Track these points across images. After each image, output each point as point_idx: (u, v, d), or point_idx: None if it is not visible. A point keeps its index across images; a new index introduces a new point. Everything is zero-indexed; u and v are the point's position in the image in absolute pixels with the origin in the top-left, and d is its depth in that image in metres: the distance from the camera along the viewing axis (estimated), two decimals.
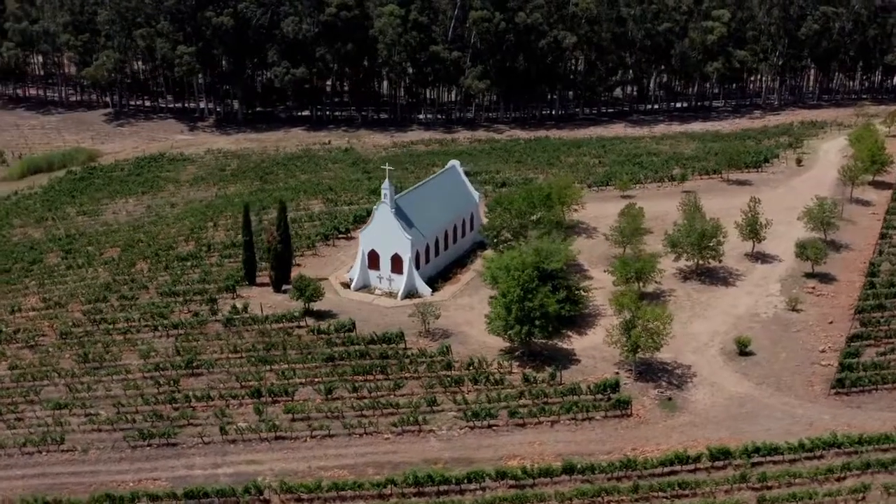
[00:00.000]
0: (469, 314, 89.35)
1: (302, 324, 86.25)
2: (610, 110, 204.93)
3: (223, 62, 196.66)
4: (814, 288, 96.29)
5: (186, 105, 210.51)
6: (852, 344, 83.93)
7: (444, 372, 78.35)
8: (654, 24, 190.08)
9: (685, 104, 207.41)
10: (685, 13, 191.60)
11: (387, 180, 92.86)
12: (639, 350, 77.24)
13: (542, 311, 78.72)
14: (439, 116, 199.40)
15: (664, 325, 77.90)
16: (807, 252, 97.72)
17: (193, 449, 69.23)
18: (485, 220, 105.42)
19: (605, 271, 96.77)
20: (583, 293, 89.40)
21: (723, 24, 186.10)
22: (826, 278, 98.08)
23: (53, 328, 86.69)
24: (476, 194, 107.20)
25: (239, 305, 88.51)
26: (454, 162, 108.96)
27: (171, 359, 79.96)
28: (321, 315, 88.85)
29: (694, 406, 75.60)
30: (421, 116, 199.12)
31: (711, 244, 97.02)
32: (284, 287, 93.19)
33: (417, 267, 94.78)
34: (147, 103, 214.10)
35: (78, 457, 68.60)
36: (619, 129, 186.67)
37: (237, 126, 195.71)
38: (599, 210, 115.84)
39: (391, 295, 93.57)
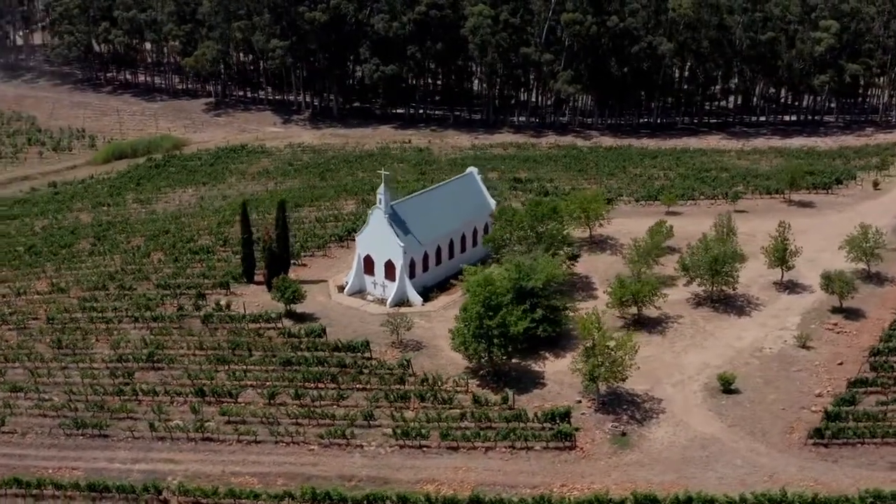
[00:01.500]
0: (449, 327, 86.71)
1: (279, 325, 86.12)
2: (713, 121, 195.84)
3: (319, 57, 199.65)
4: (836, 324, 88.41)
5: (286, 98, 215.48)
6: (852, 389, 76.51)
7: (397, 386, 76.35)
8: (758, 33, 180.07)
9: (794, 117, 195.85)
10: (792, 22, 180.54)
11: (382, 185, 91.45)
12: (598, 380, 72.90)
13: (502, 331, 75.49)
14: (533, 119, 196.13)
15: (627, 355, 73.18)
16: (832, 285, 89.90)
17: (122, 443, 70.26)
18: None
19: (605, 292, 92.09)
20: (569, 313, 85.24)
21: (832, 35, 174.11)
22: (854, 314, 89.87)
23: (46, 312, 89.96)
24: (493, 203, 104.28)
25: (223, 303, 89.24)
26: (472, 169, 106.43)
27: (138, 351, 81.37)
28: (302, 318, 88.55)
29: (649, 444, 70.57)
30: (514, 119, 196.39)
31: (725, 270, 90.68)
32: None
33: (413, 275, 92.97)
34: (249, 94, 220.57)
35: (15, 440, 70.86)
36: (713, 141, 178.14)
37: (331, 121, 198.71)
38: (634, 226, 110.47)
39: (382, 301, 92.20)
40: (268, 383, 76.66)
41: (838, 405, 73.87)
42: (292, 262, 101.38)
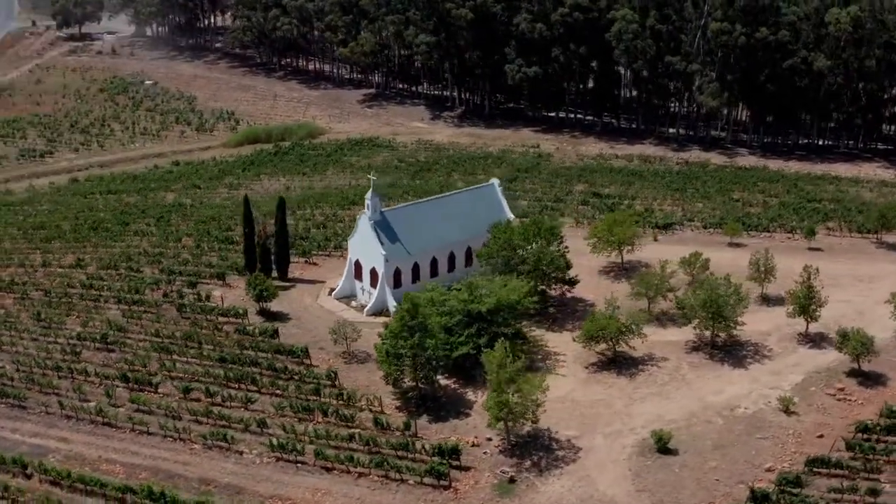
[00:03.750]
0: None
1: (244, 321, 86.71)
2: (881, 146, 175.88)
3: (471, 55, 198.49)
4: (842, 389, 76.77)
5: (443, 94, 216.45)
6: (808, 468, 66.17)
7: (313, 397, 74.61)
8: None
9: None
10: None
11: (370, 190, 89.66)
12: (502, 420, 67.58)
13: (413, 353, 71.81)
14: (683, 132, 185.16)
15: (529, 396, 67.27)
16: (846, 344, 78.26)
17: (33, 416, 73.37)
18: None
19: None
20: (526, 342, 79.70)
21: None
22: (874, 380, 77.66)
23: (52, 286, 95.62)
24: (511, 218, 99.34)
25: (205, 294, 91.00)
26: (494, 180, 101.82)
27: (100, 332, 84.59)
28: (276, 316, 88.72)
29: (534, 497, 64.25)
30: (664, 130, 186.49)
31: (726, 314, 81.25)
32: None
33: (399, 284, 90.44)
34: (410, 88, 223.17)
35: None
36: (868, 169, 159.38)
37: (478, 120, 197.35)
38: (677, 253, 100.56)
39: (363, 308, 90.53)
40: (194, 378, 77.22)
41: (780, 484, 64.17)
42: (304, 260, 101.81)
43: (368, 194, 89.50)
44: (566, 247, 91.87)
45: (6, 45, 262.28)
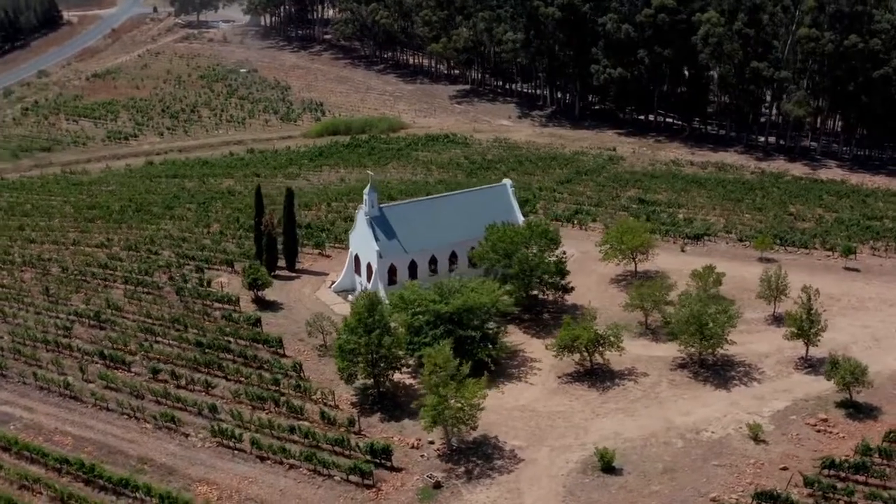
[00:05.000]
0: None
1: (236, 308, 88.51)
2: None
3: (562, 54, 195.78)
4: (825, 420, 71.73)
5: (535, 92, 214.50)
6: (757, 501, 62.47)
7: (273, 387, 75.49)
8: None
9: None
10: None
11: (368, 185, 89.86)
12: (438, 424, 66.59)
13: (367, 350, 71.57)
14: (770, 140, 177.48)
15: (469, 402, 66.01)
16: (835, 373, 73.29)
17: (9, 385, 76.96)
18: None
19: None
20: (496, 347, 78.12)
21: None
22: (865, 412, 72.02)
23: (72, 263, 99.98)
24: (521, 220, 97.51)
25: (206, 279, 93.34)
26: (507, 181, 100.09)
27: (97, 309, 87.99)
28: (269, 305, 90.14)
29: (455, 502, 62.98)
30: (754, 137, 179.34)
31: (711, 331, 77.46)
32: (273, 273, 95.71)
33: (394, 282, 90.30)
34: (505, 86, 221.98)
35: None
36: None
37: (566, 120, 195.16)
38: (697, 265, 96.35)
39: None
40: (167, 360, 79.34)
41: None
42: (318, 251, 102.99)
43: (366, 189, 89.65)
44: (564, 252, 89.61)
45: (126, 29, 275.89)
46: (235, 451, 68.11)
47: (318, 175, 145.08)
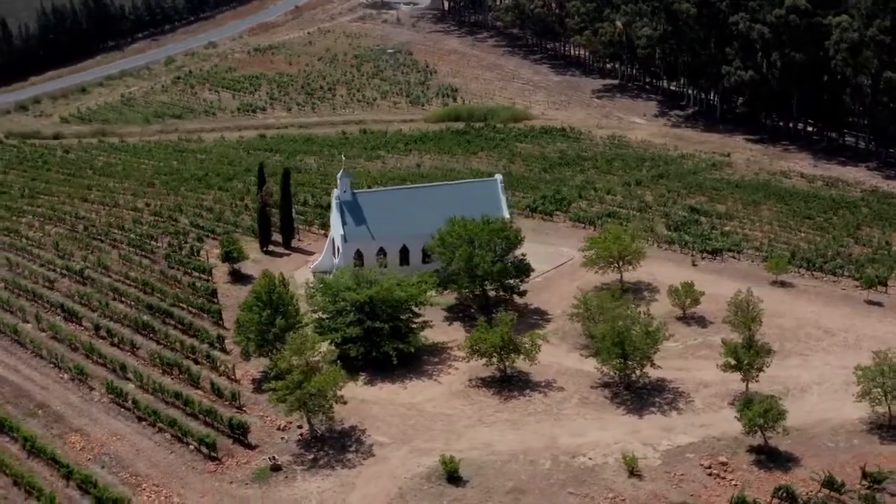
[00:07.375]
0: None
1: (208, 279, 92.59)
2: None
3: (703, 53, 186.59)
4: (724, 464, 65.22)
5: (680, 91, 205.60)
6: None
7: (192, 355, 78.67)
8: None
9: None
10: None
11: (342, 170, 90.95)
12: (296, 409, 67.18)
13: (260, 328, 73.23)
14: None
15: (326, 390, 66.16)
16: (748, 420, 66.35)
17: None
18: None
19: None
20: (406, 342, 77.11)
21: None
22: (777, 462, 64.50)
23: (98, 223, 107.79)
24: (507, 216, 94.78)
25: (196, 249, 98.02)
26: (498, 176, 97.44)
27: (83, 266, 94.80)
28: (242, 278, 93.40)
29: (282, 491, 62.06)
30: (893, 152, 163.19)
31: (633, 351, 72.51)
32: (265, 248, 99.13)
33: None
34: (653, 82, 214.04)
35: None
36: None
37: (703, 121, 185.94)
38: (699, 281, 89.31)
39: None
40: (115, 318, 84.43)
41: None
42: (324, 232, 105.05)
43: (339, 174, 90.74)
44: (524, 253, 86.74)
45: (310, 6, 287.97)
46: (122, 409, 71.74)
47: (401, 159, 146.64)
